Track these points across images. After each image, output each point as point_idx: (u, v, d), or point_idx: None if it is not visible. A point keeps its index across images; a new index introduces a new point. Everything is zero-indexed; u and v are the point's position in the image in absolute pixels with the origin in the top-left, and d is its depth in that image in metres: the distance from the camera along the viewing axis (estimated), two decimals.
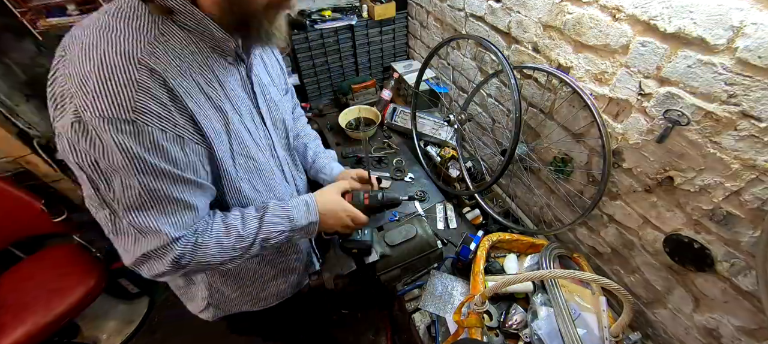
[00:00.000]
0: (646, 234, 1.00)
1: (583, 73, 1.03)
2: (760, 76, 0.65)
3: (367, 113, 1.97)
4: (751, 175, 0.71)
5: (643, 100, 0.88)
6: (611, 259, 1.17)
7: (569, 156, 1.19)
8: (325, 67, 2.06)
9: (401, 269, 1.23)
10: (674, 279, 0.96)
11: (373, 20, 1.95)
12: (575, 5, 0.99)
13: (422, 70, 1.66)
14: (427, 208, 1.52)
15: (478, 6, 1.40)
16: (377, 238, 1.22)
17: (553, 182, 1.28)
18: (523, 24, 1.20)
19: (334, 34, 1.94)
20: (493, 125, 1.55)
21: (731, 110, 0.71)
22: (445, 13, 1.65)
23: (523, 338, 1.05)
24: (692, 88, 0.77)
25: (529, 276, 0.88)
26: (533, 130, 1.32)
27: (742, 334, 0.83)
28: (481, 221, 1.52)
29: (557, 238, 1.37)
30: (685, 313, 0.96)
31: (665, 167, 0.88)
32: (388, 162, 1.73)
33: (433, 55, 1.56)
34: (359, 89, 2.06)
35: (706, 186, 0.80)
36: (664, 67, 0.81)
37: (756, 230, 0.73)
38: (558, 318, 1.00)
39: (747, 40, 0.65)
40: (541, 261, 1.15)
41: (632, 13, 0.84)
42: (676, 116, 0.80)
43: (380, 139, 1.87)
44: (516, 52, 1.28)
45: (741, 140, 0.71)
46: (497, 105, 1.47)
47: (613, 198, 1.07)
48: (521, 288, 1.14)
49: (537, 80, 1.22)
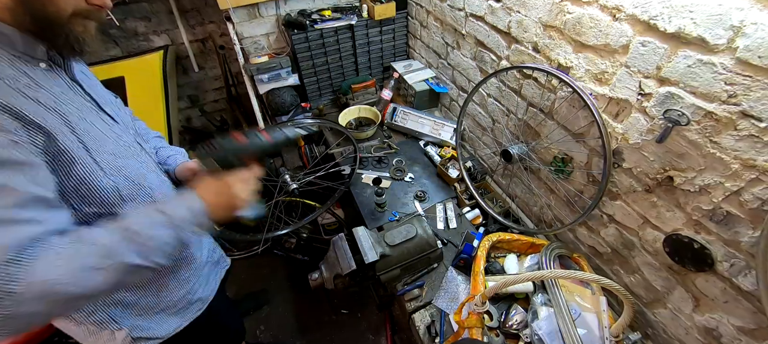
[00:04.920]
0: (646, 234, 1.00)
1: (583, 73, 1.03)
2: (760, 76, 0.65)
3: (367, 113, 1.97)
4: (751, 175, 0.71)
5: (643, 99, 0.88)
6: (611, 259, 1.17)
7: (569, 156, 1.19)
8: (325, 67, 2.06)
9: (401, 269, 1.23)
10: (674, 279, 0.96)
11: (373, 20, 1.95)
12: (575, 5, 0.99)
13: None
14: (427, 208, 1.52)
15: (478, 6, 1.40)
16: (377, 238, 1.22)
17: (553, 182, 1.28)
18: (523, 24, 1.20)
19: (334, 33, 1.94)
20: (493, 125, 1.55)
21: (731, 110, 0.71)
22: (445, 12, 1.65)
23: (523, 338, 1.05)
24: (692, 88, 0.77)
25: (529, 276, 0.88)
26: (533, 129, 1.32)
27: (742, 334, 0.83)
28: (481, 221, 1.52)
29: (557, 238, 1.37)
30: (685, 313, 0.96)
31: (665, 167, 0.88)
32: (388, 162, 1.73)
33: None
34: (359, 89, 2.06)
35: (706, 186, 0.80)
36: (664, 67, 0.81)
37: (756, 230, 0.73)
38: (558, 318, 1.00)
39: (747, 39, 0.65)
40: (541, 261, 1.15)
41: (632, 13, 0.84)
42: (676, 116, 0.80)
43: (380, 138, 1.87)
44: (516, 52, 1.28)
45: (741, 140, 0.71)
46: (497, 105, 1.47)
47: (613, 198, 1.07)
48: (521, 289, 1.14)
49: (537, 80, 1.22)
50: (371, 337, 1.89)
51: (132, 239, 0.59)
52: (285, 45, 2.02)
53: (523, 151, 1.29)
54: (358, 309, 1.98)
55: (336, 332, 1.91)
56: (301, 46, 1.91)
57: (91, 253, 0.54)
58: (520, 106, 1.34)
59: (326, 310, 1.97)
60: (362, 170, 1.69)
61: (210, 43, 2.49)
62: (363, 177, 1.65)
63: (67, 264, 0.51)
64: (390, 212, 1.49)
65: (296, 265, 2.20)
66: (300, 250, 2.22)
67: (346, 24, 1.92)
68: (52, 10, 0.58)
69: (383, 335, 1.87)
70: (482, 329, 0.95)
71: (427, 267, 1.28)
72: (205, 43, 2.50)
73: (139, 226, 0.60)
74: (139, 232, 0.60)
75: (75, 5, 0.60)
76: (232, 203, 0.73)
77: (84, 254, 0.54)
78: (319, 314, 1.97)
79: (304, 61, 1.97)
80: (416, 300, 1.22)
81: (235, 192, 0.73)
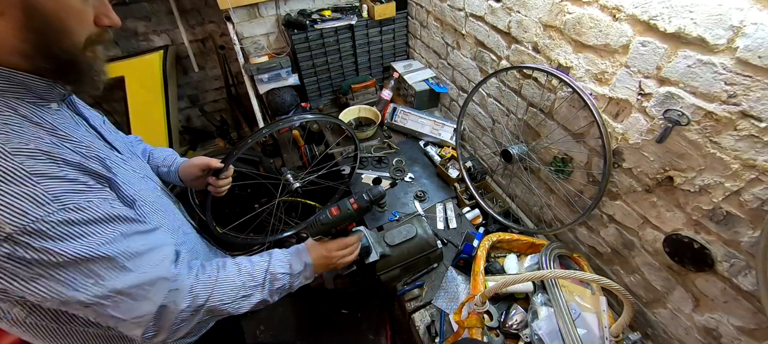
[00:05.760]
0: (646, 234, 1.00)
1: (583, 73, 1.03)
2: (760, 76, 0.65)
3: (367, 113, 1.97)
4: (751, 175, 0.71)
5: (643, 99, 0.88)
6: (611, 259, 1.17)
7: (569, 156, 1.19)
8: (325, 66, 2.06)
9: (401, 269, 1.23)
10: (674, 279, 0.96)
11: (373, 20, 1.95)
12: (575, 5, 0.99)
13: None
14: (427, 208, 1.52)
15: (478, 6, 1.40)
16: (377, 238, 1.22)
17: (553, 182, 1.28)
18: (523, 24, 1.20)
19: (334, 33, 1.94)
20: (493, 125, 1.55)
21: (731, 110, 0.71)
22: (445, 12, 1.65)
23: (523, 338, 1.05)
24: (692, 88, 0.77)
25: (529, 276, 0.88)
26: (533, 129, 1.32)
27: (742, 334, 0.83)
28: (481, 221, 1.52)
29: (557, 238, 1.37)
30: (685, 313, 0.96)
31: (665, 167, 0.88)
32: (388, 162, 1.73)
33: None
34: (359, 89, 2.07)
35: (706, 186, 0.80)
36: (664, 67, 0.81)
37: (756, 230, 0.73)
38: (558, 318, 1.00)
39: (747, 39, 0.65)
40: (541, 261, 1.15)
41: (632, 13, 0.84)
42: (676, 116, 0.80)
43: (380, 138, 1.87)
44: (516, 52, 1.28)
45: (741, 140, 0.71)
46: (497, 105, 1.47)
47: (613, 198, 1.07)
48: (521, 288, 1.14)
49: (537, 80, 1.22)
50: (371, 337, 1.88)
51: (272, 278, 0.76)
52: (285, 45, 2.02)
53: (523, 151, 1.29)
54: (358, 309, 1.98)
55: (336, 332, 1.91)
56: (301, 46, 1.91)
57: (242, 279, 0.73)
58: (520, 106, 1.34)
59: (326, 310, 1.97)
60: (362, 170, 1.69)
61: (210, 43, 2.49)
62: (363, 177, 1.65)
63: (227, 282, 0.70)
64: (390, 212, 1.49)
65: None
66: None
67: (346, 24, 1.92)
68: (67, 44, 0.51)
69: (383, 335, 1.86)
70: (482, 329, 0.95)
71: (427, 267, 1.28)
72: (205, 43, 2.50)
73: (274, 268, 0.78)
74: (275, 278, 0.77)
75: (87, 32, 0.53)
76: (333, 264, 0.89)
77: (241, 277, 0.73)
78: (319, 314, 1.97)
79: (304, 61, 1.97)
80: (416, 300, 1.22)
81: (336, 259, 0.88)
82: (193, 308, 0.64)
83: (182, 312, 0.63)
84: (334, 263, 0.88)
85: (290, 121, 0.97)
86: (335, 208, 0.89)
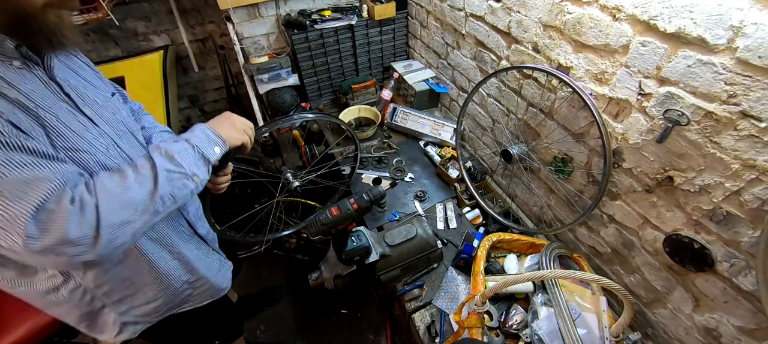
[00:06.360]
0: (646, 234, 1.00)
1: (583, 73, 1.03)
2: (760, 76, 0.65)
3: (367, 113, 1.97)
4: (751, 175, 0.71)
5: (643, 99, 0.88)
6: (611, 259, 1.17)
7: (569, 156, 1.19)
8: (325, 66, 2.06)
9: (401, 269, 1.23)
10: (674, 279, 0.96)
11: (373, 20, 1.95)
12: (575, 5, 0.99)
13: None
14: (427, 208, 1.52)
15: (478, 6, 1.40)
16: (377, 238, 1.22)
17: (553, 182, 1.28)
18: (523, 24, 1.20)
19: (334, 33, 1.94)
20: (493, 125, 1.55)
21: (731, 110, 0.71)
22: (445, 13, 1.65)
23: (523, 338, 1.05)
24: (692, 88, 0.77)
25: (529, 276, 0.88)
26: (533, 129, 1.32)
27: (742, 334, 0.83)
28: (481, 221, 1.52)
29: (557, 238, 1.37)
30: (685, 313, 0.96)
31: (665, 167, 0.88)
32: (388, 162, 1.73)
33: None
34: (359, 89, 2.06)
35: (706, 186, 0.80)
36: (664, 67, 0.81)
37: (756, 230, 0.73)
38: (558, 318, 1.00)
39: (747, 39, 0.65)
40: (541, 261, 1.15)
41: (632, 13, 0.84)
42: (676, 116, 0.80)
43: (380, 138, 1.87)
44: (516, 52, 1.28)
45: (741, 140, 0.71)
46: (497, 105, 1.47)
47: (613, 198, 1.07)
48: (521, 289, 1.14)
49: (537, 80, 1.22)
50: (371, 337, 1.88)
51: (168, 157, 0.68)
52: (285, 45, 2.02)
53: (523, 151, 1.29)
54: (358, 309, 1.98)
55: (336, 332, 1.91)
56: (301, 46, 1.91)
57: (133, 178, 0.63)
58: (520, 106, 1.34)
59: (326, 310, 1.97)
60: (362, 170, 1.69)
61: (210, 43, 2.49)
62: (363, 178, 1.65)
63: (121, 185, 0.62)
64: (390, 212, 1.49)
65: (296, 265, 2.20)
66: (300, 250, 2.22)
67: (346, 24, 1.92)
68: (24, 2, 0.55)
69: (383, 335, 1.86)
70: (482, 329, 0.95)
71: (427, 267, 1.28)
72: (205, 43, 2.50)
73: (168, 147, 0.69)
74: (171, 155, 0.68)
75: None
76: (234, 133, 0.82)
77: (132, 177, 0.63)
78: (319, 314, 1.97)
79: (304, 61, 1.97)
80: (416, 300, 1.22)
81: (237, 127, 0.84)
82: (81, 216, 0.56)
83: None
84: (235, 126, 0.84)
85: (290, 120, 0.97)
86: (335, 208, 0.89)
